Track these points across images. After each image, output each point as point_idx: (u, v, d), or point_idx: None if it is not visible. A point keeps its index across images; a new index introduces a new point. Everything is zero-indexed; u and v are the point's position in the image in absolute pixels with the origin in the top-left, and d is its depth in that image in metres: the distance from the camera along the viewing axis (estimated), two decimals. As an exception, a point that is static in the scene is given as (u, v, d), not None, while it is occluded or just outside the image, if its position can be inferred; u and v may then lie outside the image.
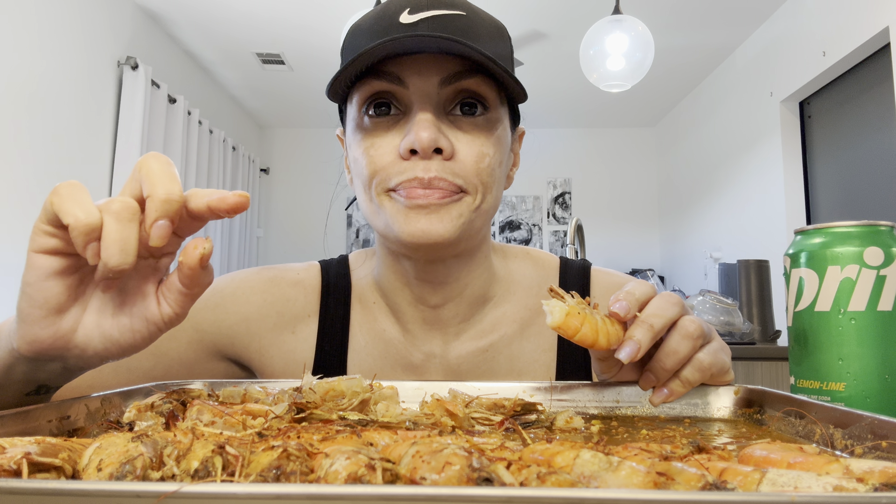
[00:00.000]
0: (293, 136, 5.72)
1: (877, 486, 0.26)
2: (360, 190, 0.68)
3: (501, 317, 0.76)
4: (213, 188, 4.27)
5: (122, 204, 0.41)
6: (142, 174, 0.42)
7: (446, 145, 0.62)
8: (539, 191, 5.66)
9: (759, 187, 3.75)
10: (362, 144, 0.65)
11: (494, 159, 0.66)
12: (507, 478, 0.26)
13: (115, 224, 0.40)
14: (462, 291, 0.73)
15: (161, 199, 0.41)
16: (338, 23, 3.60)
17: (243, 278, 0.78)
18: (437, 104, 0.64)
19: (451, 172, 0.63)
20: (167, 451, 0.30)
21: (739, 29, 3.75)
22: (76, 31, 3.06)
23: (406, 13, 0.63)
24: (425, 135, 0.61)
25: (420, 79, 0.63)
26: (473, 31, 0.64)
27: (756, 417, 0.51)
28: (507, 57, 0.68)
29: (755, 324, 2.61)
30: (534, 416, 0.49)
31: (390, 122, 0.65)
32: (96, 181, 3.24)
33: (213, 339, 0.75)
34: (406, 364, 0.74)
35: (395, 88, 0.63)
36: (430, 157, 0.62)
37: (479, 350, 0.75)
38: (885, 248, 0.52)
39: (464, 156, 0.64)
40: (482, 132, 0.65)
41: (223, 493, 0.23)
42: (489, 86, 0.65)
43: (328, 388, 0.48)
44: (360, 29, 0.66)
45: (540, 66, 4.19)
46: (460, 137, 0.64)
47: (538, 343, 0.77)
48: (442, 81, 0.63)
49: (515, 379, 0.75)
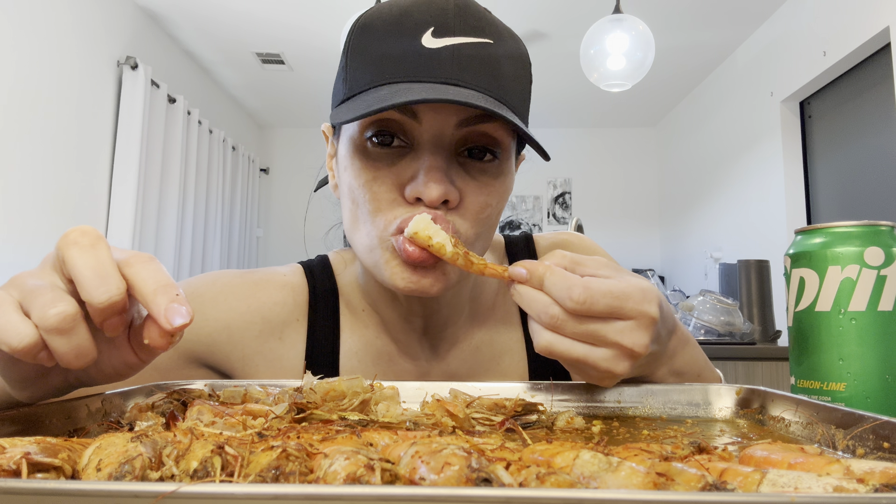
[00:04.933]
0: (293, 136, 5.72)
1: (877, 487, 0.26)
2: (354, 216, 0.64)
3: (480, 309, 0.76)
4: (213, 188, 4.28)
5: (59, 317, 0.36)
6: (69, 270, 0.38)
7: (454, 197, 0.59)
8: (539, 191, 5.66)
9: (759, 187, 3.75)
10: (362, 175, 0.61)
11: (496, 209, 0.63)
12: (506, 478, 0.26)
13: (59, 339, 0.37)
14: (452, 300, 0.72)
15: (101, 308, 0.38)
16: (338, 23, 3.60)
17: (225, 282, 0.73)
18: (448, 145, 0.60)
19: (453, 221, 0.60)
20: (166, 452, 0.30)
21: (740, 29, 3.75)
22: (76, 31, 3.06)
23: (430, 34, 0.58)
24: (436, 190, 0.57)
25: (436, 117, 0.59)
26: (498, 67, 0.60)
27: (757, 418, 0.51)
28: (527, 90, 0.65)
29: (755, 324, 2.61)
30: (535, 416, 0.49)
31: (394, 154, 0.61)
32: (96, 181, 3.24)
33: (189, 347, 0.70)
34: (399, 372, 0.74)
35: (406, 121, 0.59)
36: (436, 206, 0.59)
37: (468, 349, 0.75)
38: (886, 248, 0.52)
39: (468, 204, 0.61)
40: (490, 180, 0.62)
41: (221, 494, 0.23)
42: (506, 130, 0.62)
43: (329, 389, 0.48)
44: (374, 33, 0.61)
45: (540, 66, 4.19)
46: (468, 183, 0.61)
47: (508, 322, 0.78)
48: (459, 123, 0.59)
49: (497, 364, 0.76)
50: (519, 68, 0.63)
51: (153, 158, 3.55)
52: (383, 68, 0.59)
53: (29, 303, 0.37)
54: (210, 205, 4.31)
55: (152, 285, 0.39)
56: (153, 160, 3.55)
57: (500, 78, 0.60)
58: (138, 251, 0.41)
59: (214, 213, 4.38)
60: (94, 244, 0.39)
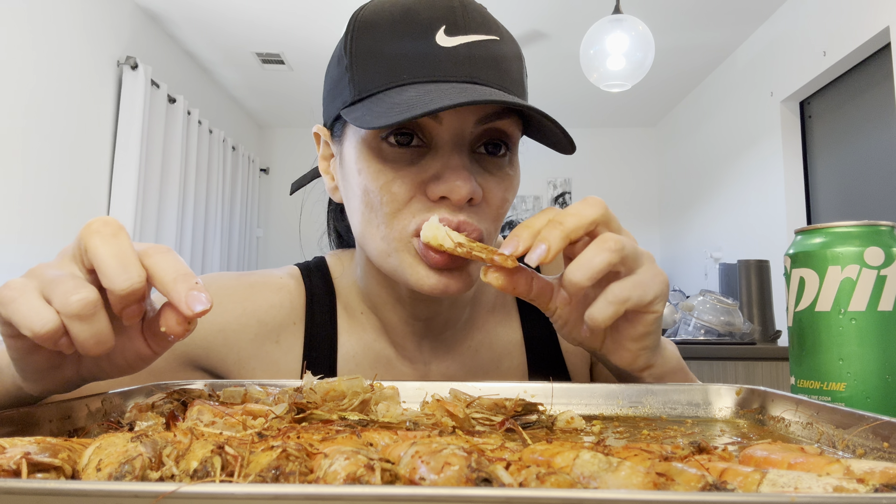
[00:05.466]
0: (293, 135, 5.72)
1: (877, 487, 0.26)
2: (368, 220, 0.62)
3: (479, 310, 0.76)
4: (213, 188, 4.28)
5: (81, 303, 0.37)
6: (91, 258, 0.39)
7: (479, 195, 0.59)
8: (539, 191, 5.66)
9: (759, 187, 3.75)
10: (381, 177, 0.59)
11: (510, 203, 0.64)
12: (505, 478, 0.26)
13: (80, 325, 0.37)
14: (455, 302, 0.72)
15: (122, 295, 0.39)
16: (338, 23, 3.60)
17: (221, 285, 0.72)
18: (467, 143, 0.60)
19: (477, 219, 0.60)
20: (166, 452, 0.30)
21: (739, 29, 3.75)
22: (76, 31, 3.06)
23: (442, 32, 0.58)
24: (465, 188, 0.57)
25: (457, 116, 0.58)
26: (507, 63, 0.61)
27: (757, 418, 0.51)
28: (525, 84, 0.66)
29: (755, 324, 2.61)
30: (535, 416, 0.49)
31: (413, 154, 0.60)
32: (96, 181, 3.24)
33: (184, 350, 0.69)
34: (397, 375, 0.73)
35: (427, 122, 0.58)
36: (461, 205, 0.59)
37: (467, 351, 0.75)
38: (886, 248, 0.52)
39: (490, 199, 0.61)
40: (506, 174, 0.63)
41: (221, 494, 0.23)
42: (517, 125, 0.63)
43: (329, 389, 0.48)
44: (382, 32, 0.60)
45: (540, 67, 4.19)
46: (487, 180, 0.61)
47: (508, 324, 0.77)
48: (478, 121, 0.59)
49: (497, 366, 0.75)
50: (519, 63, 0.65)
51: (153, 158, 3.55)
52: (399, 68, 0.58)
53: (50, 290, 0.38)
54: (210, 205, 4.31)
55: (172, 273, 0.40)
56: (153, 160, 3.55)
57: (510, 73, 0.61)
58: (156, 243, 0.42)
59: (214, 214, 4.38)
60: (115, 234, 0.40)
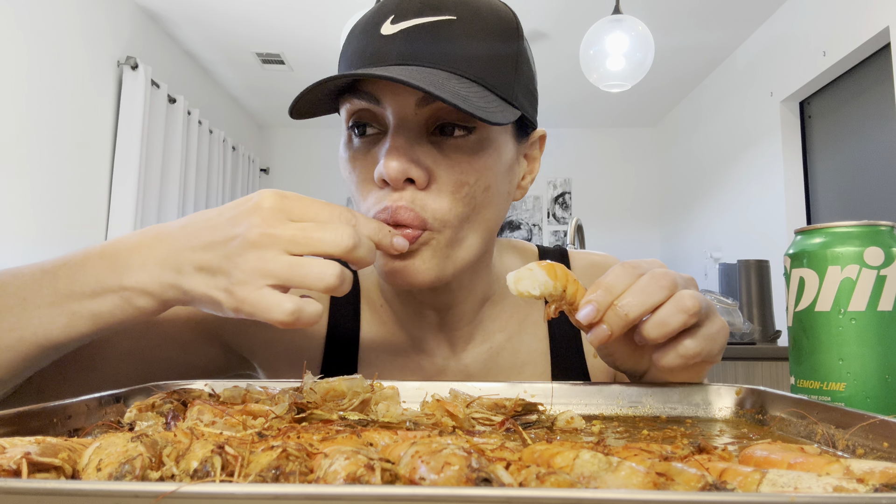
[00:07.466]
0: (293, 136, 5.72)
1: (877, 487, 0.26)
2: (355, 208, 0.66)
3: (501, 313, 0.76)
4: (213, 188, 4.28)
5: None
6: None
7: (418, 175, 0.57)
8: (539, 191, 5.66)
9: (759, 187, 3.75)
10: (348, 165, 0.63)
11: (477, 186, 0.60)
12: (506, 478, 0.26)
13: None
14: (468, 296, 0.71)
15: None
16: (338, 23, 3.60)
17: None
18: (416, 125, 0.59)
19: (421, 205, 0.58)
20: (166, 451, 0.30)
21: (739, 29, 3.75)
22: (76, 31, 3.06)
23: (389, 22, 0.59)
24: (393, 165, 0.56)
25: (396, 99, 0.58)
26: (457, 40, 0.58)
27: (757, 418, 0.51)
28: (508, 60, 0.61)
29: (755, 324, 2.61)
30: (534, 416, 0.49)
31: (370, 142, 0.62)
32: (96, 181, 3.24)
33: (218, 325, 0.71)
34: (415, 368, 0.73)
35: (372, 107, 0.60)
36: (402, 187, 0.58)
37: (487, 351, 0.74)
38: (886, 248, 0.52)
39: (441, 183, 0.59)
40: (465, 156, 0.60)
41: (221, 494, 0.23)
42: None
43: (328, 389, 0.48)
44: (352, 34, 0.63)
45: (540, 66, 4.19)
46: (440, 162, 0.59)
47: (534, 333, 0.77)
48: (419, 103, 0.58)
49: (518, 373, 0.75)
50: (492, 37, 0.60)
51: (153, 158, 3.55)
52: (351, 63, 0.62)
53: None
54: (210, 205, 4.31)
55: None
56: (153, 160, 3.55)
57: (461, 50, 0.58)
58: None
59: (214, 214, 4.37)
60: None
